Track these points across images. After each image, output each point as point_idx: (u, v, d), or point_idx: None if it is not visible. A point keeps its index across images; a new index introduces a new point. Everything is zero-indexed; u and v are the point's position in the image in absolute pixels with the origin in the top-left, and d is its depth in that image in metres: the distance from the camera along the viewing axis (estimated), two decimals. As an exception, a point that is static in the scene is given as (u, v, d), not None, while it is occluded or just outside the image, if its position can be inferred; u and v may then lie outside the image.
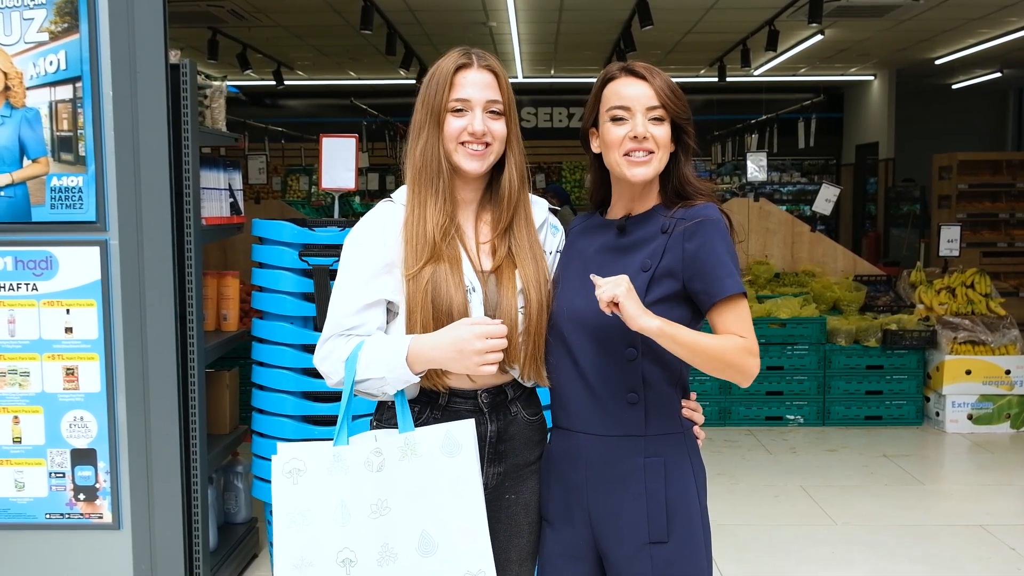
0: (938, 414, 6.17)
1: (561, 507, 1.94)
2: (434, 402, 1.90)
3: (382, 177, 11.64)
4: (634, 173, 1.87)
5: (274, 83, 11.54)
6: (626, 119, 1.87)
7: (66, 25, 2.98)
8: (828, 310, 6.67)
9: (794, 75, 12.91)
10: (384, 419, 1.94)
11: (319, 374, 1.93)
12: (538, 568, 1.99)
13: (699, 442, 1.95)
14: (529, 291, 1.90)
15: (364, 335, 1.87)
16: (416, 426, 1.85)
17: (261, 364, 3.51)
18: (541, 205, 2.03)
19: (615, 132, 1.88)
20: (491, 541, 1.82)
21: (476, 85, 1.88)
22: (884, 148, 12.62)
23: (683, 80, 12.30)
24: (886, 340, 6.19)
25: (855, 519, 4.49)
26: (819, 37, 9.46)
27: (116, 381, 3.07)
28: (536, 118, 14.64)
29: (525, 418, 1.97)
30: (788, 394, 6.25)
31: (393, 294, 1.88)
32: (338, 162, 3.69)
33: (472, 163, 1.88)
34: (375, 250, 1.89)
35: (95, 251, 3.03)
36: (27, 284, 3.04)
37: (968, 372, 6.06)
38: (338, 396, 3.25)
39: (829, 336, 6.30)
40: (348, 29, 8.87)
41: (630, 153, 1.87)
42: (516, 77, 12.61)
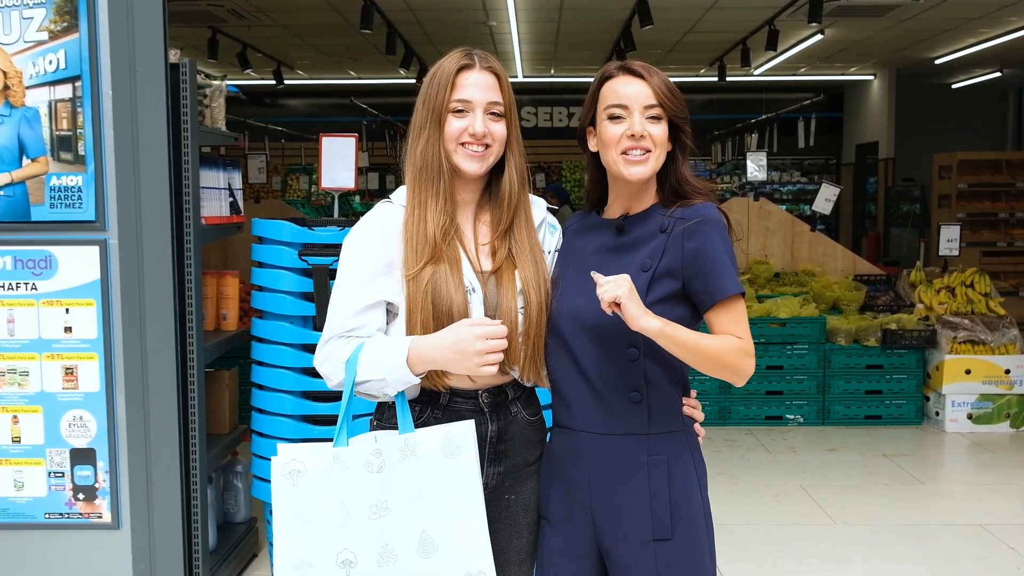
0: (938, 413, 6.17)
1: (562, 506, 1.93)
2: (435, 402, 1.90)
3: (382, 176, 11.64)
4: (631, 172, 1.87)
5: (274, 82, 11.54)
6: (623, 118, 1.87)
7: (65, 24, 2.98)
8: (828, 309, 6.67)
9: (794, 75, 12.91)
10: (384, 419, 1.94)
11: (318, 374, 1.93)
12: (538, 567, 1.99)
13: (700, 439, 1.95)
14: (529, 292, 1.89)
15: (364, 336, 1.86)
16: (417, 426, 1.85)
17: (261, 364, 3.51)
18: (539, 205, 2.03)
19: (612, 131, 1.88)
20: (490, 541, 1.81)
21: (478, 86, 1.88)
22: (884, 148, 12.62)
23: (683, 79, 12.30)
24: (886, 339, 6.19)
25: (855, 518, 4.49)
26: (819, 37, 9.46)
27: (115, 381, 3.06)
28: (536, 118, 14.64)
29: (525, 418, 1.97)
30: (788, 393, 6.25)
31: (393, 295, 1.88)
32: (338, 161, 3.69)
33: (472, 164, 1.88)
34: (374, 251, 1.88)
35: (94, 250, 3.03)
36: (26, 283, 3.04)
37: (968, 371, 6.06)
38: (337, 395, 3.25)
39: (829, 336, 6.30)
40: (348, 28, 8.87)
41: (627, 152, 1.87)
42: (516, 76, 12.60)
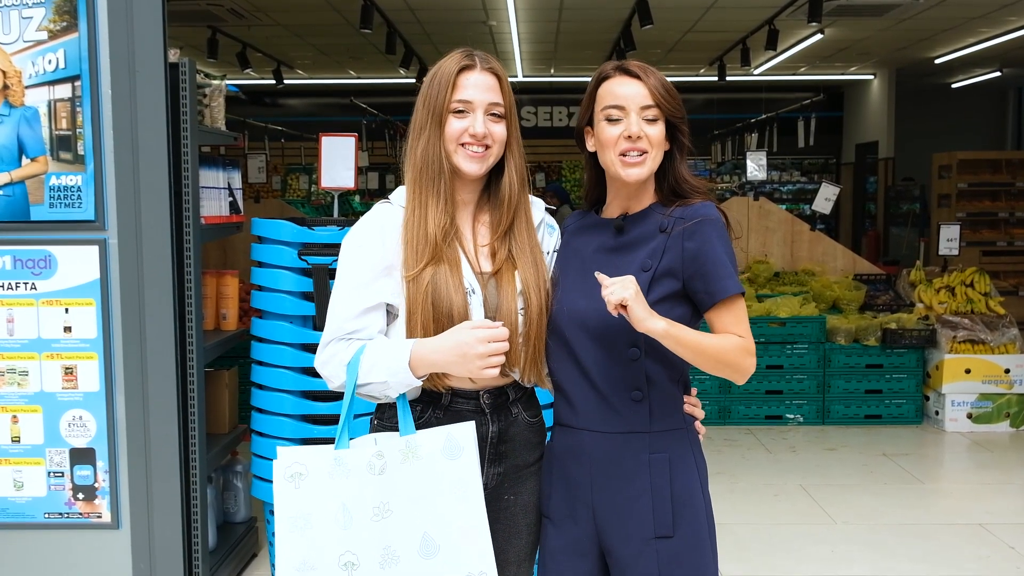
0: (937, 413, 6.17)
1: (564, 504, 1.94)
2: (436, 402, 1.90)
3: (382, 176, 11.64)
4: (628, 173, 1.88)
5: (274, 82, 11.54)
6: (620, 118, 1.88)
7: (65, 24, 2.98)
8: (828, 309, 6.66)
9: (794, 74, 12.91)
10: (385, 419, 1.93)
11: (318, 373, 1.93)
12: (540, 565, 1.99)
13: (700, 437, 1.96)
14: (529, 294, 1.89)
15: (365, 339, 1.86)
16: (419, 426, 1.85)
17: (260, 363, 3.51)
18: (538, 205, 2.03)
19: (610, 131, 1.88)
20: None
21: (478, 87, 1.88)
22: (884, 147, 12.62)
23: (683, 79, 12.31)
24: (886, 339, 6.19)
25: (855, 518, 4.49)
26: (819, 36, 9.46)
27: (115, 380, 3.06)
28: (536, 117, 14.64)
29: (525, 419, 1.97)
30: (788, 393, 6.25)
31: (393, 297, 1.88)
32: (338, 161, 3.69)
33: (471, 165, 1.88)
34: (374, 252, 1.88)
35: (94, 250, 3.03)
36: (26, 283, 3.04)
37: (967, 371, 6.06)
38: (337, 395, 3.26)
39: (829, 335, 6.30)
40: (348, 28, 8.87)
41: (624, 153, 1.87)
42: (516, 76, 12.60)
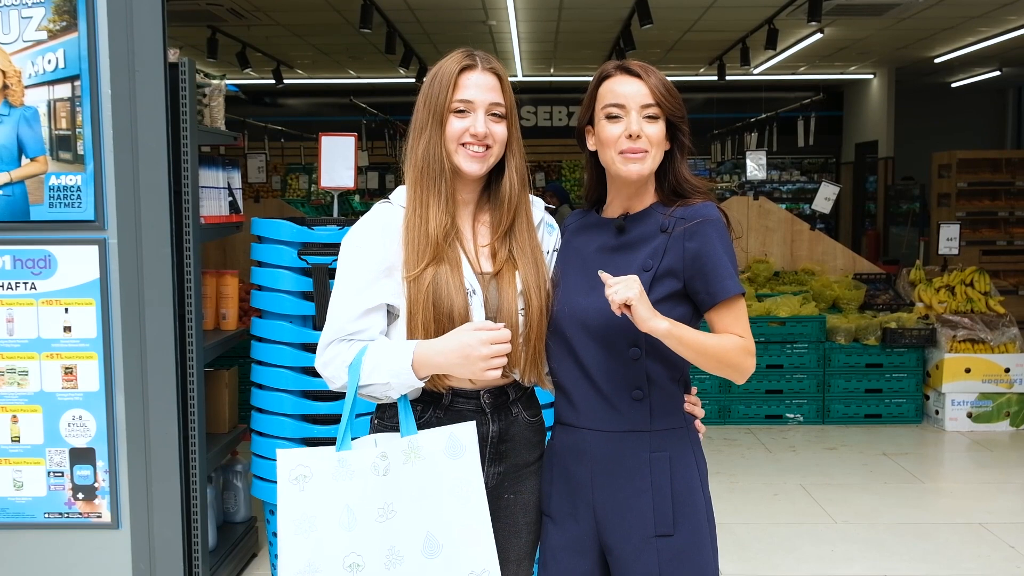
0: (937, 412, 6.17)
1: (564, 502, 1.94)
2: (437, 402, 1.90)
3: (381, 176, 11.65)
4: (629, 171, 1.88)
5: (273, 82, 11.54)
6: (620, 117, 1.88)
7: (64, 23, 2.97)
8: (827, 308, 6.67)
9: (793, 74, 12.91)
10: (386, 418, 1.93)
11: (318, 373, 1.93)
12: (540, 563, 2.00)
13: (700, 436, 1.96)
14: (530, 294, 1.90)
15: (367, 340, 1.86)
16: (420, 426, 1.85)
17: (260, 363, 3.51)
18: (537, 205, 2.03)
19: (610, 130, 1.89)
20: (492, 540, 1.82)
21: (479, 87, 1.88)
22: (884, 146, 12.61)
23: (682, 78, 12.31)
24: (885, 338, 6.19)
25: (854, 517, 4.49)
26: (818, 36, 9.47)
27: (115, 380, 3.06)
28: (536, 117, 14.63)
29: (526, 419, 1.97)
30: (788, 392, 6.25)
31: (393, 298, 1.88)
32: (337, 161, 3.69)
33: (472, 165, 1.88)
34: (375, 253, 1.88)
35: (94, 250, 3.02)
36: (25, 283, 3.04)
37: (967, 370, 6.06)
38: (336, 395, 3.26)
39: (829, 334, 6.30)
40: (347, 28, 8.87)
41: (624, 152, 1.88)
42: (516, 76, 12.60)
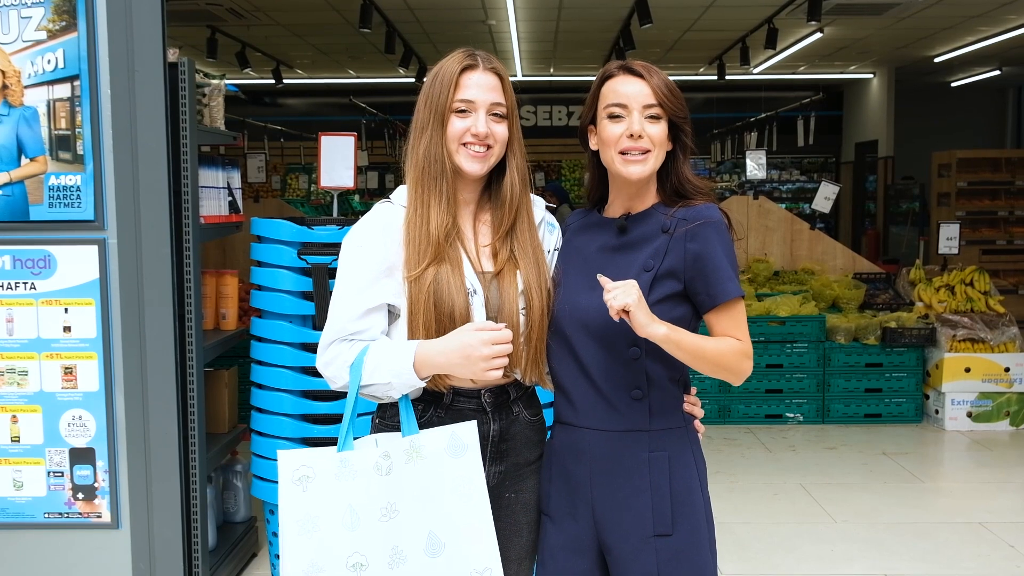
0: (937, 412, 6.17)
1: (563, 502, 1.94)
2: (438, 401, 1.90)
3: (381, 175, 11.64)
4: (630, 171, 1.88)
5: (273, 81, 11.54)
6: (623, 117, 1.88)
7: (64, 23, 2.97)
8: (827, 308, 6.67)
9: (793, 73, 12.91)
10: (387, 418, 1.94)
11: (318, 372, 1.93)
12: (539, 563, 2.00)
13: (699, 436, 1.96)
14: (531, 294, 1.90)
15: (368, 340, 1.86)
16: (421, 425, 1.85)
17: (260, 363, 3.51)
18: (538, 204, 2.03)
19: (612, 130, 1.89)
20: (494, 539, 1.82)
21: (481, 87, 1.88)
22: (883, 146, 12.62)
23: (682, 78, 12.30)
24: (885, 338, 6.19)
25: (854, 517, 4.49)
26: (818, 35, 9.46)
27: (115, 380, 3.06)
28: (536, 116, 14.63)
29: (526, 418, 1.97)
30: (787, 392, 6.25)
31: (394, 297, 1.88)
32: (337, 160, 3.69)
33: (473, 164, 1.88)
34: (375, 253, 1.88)
35: (93, 250, 3.02)
36: (25, 283, 3.04)
37: (967, 370, 6.06)
38: (337, 394, 3.25)
39: (828, 334, 6.30)
40: (347, 27, 8.87)
41: (626, 151, 1.88)
42: (515, 76, 12.60)
